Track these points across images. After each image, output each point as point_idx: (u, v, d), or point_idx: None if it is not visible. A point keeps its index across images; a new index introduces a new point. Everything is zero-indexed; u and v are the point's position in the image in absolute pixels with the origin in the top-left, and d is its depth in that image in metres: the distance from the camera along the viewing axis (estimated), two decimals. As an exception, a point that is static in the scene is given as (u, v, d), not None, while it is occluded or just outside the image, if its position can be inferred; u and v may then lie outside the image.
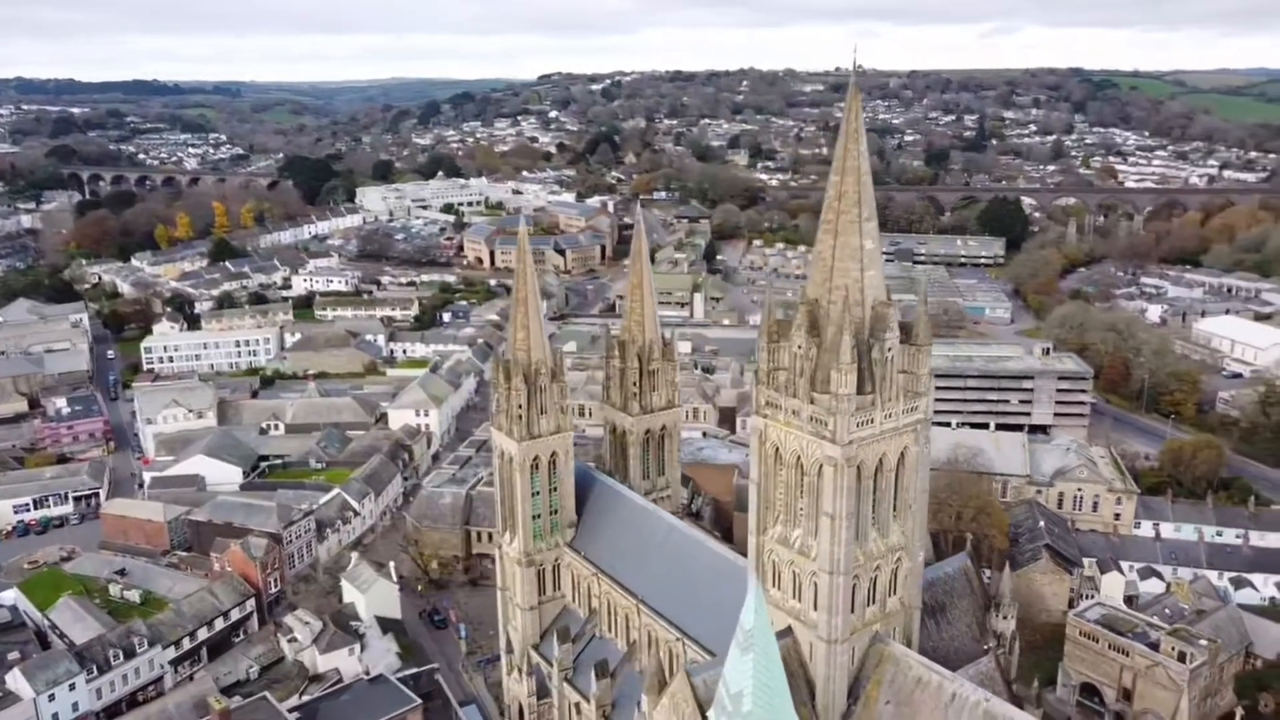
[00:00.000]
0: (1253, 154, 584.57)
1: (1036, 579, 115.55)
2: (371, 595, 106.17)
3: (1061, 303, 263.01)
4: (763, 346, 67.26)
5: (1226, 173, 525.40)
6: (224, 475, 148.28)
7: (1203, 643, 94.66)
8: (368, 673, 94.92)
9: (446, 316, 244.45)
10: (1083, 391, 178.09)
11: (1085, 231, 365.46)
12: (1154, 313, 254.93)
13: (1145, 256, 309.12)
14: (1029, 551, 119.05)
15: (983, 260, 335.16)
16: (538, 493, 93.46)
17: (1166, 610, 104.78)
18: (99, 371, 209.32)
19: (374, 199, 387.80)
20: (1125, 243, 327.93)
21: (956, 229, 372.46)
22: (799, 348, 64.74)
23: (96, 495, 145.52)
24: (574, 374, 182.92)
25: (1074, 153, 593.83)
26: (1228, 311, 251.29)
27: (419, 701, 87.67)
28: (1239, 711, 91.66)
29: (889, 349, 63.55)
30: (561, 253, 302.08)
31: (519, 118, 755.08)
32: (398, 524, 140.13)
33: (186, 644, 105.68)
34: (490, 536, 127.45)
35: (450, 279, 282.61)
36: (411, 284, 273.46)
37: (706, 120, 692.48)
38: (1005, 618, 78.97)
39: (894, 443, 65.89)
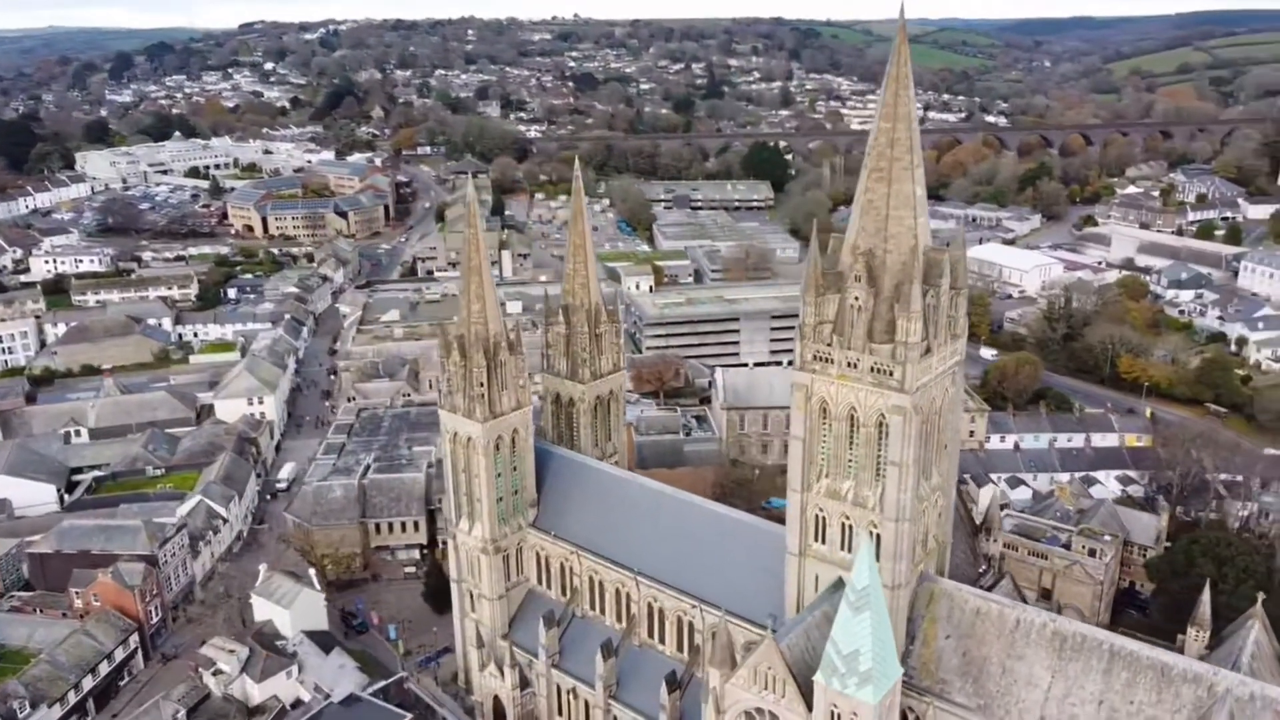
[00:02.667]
0: (945, 96, 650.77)
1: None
2: (297, 609, 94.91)
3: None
4: (809, 301, 65.67)
5: (930, 114, 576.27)
6: (35, 496, 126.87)
7: (1106, 538, 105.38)
8: (327, 696, 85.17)
9: (232, 293, 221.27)
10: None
11: (837, 171, 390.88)
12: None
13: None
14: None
15: (755, 203, 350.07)
16: (498, 475, 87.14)
17: (1056, 513, 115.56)
18: None
19: (99, 165, 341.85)
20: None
21: (722, 174, 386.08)
22: (856, 299, 63.84)
23: None
24: (409, 344, 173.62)
25: (799, 98, 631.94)
26: (980, 241, 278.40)
27: (409, 716, 79.84)
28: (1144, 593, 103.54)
29: (944, 294, 64.13)
30: (343, 215, 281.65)
31: (230, 70, 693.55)
32: (273, 526, 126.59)
33: (72, 698, 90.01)
34: (390, 527, 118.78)
35: (223, 250, 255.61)
36: (180, 259, 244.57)
37: (441, 71, 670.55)
38: (994, 540, 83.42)
39: (939, 386, 66.97)
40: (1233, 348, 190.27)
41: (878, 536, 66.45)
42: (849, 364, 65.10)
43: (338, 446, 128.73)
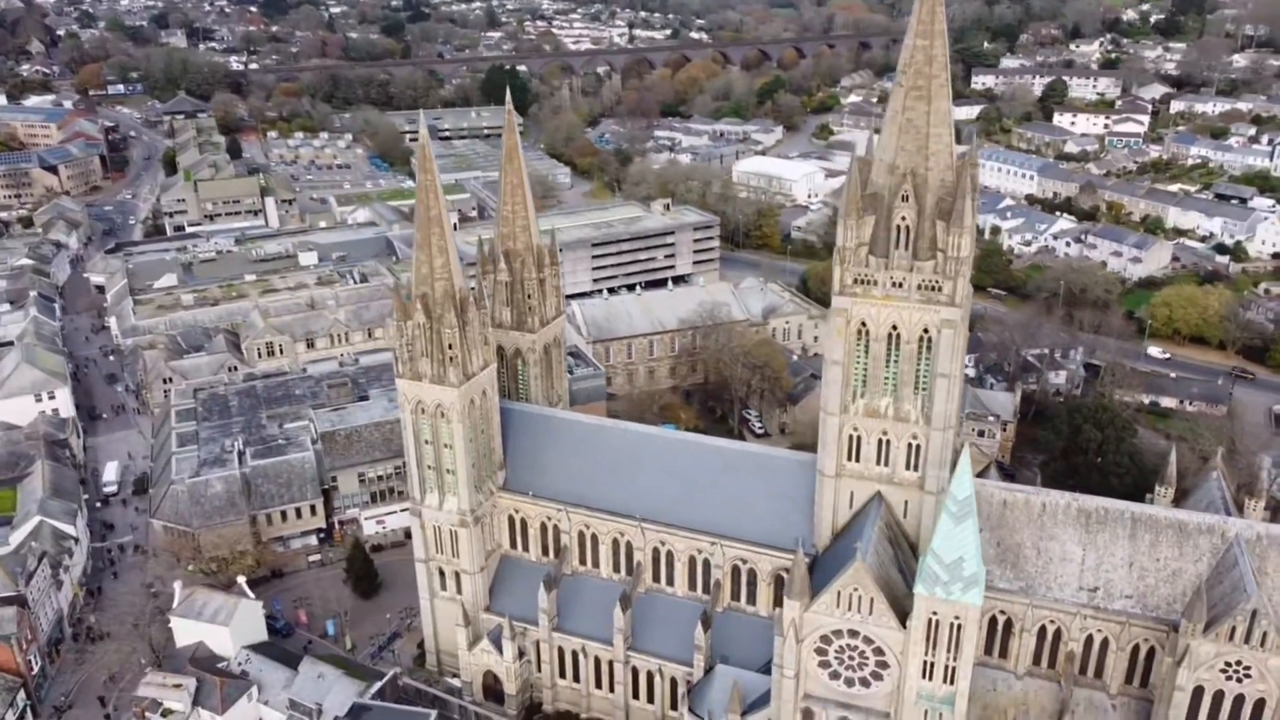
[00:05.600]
0: (643, 14, 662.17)
1: (817, 403, 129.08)
2: (237, 624, 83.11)
3: (605, 162, 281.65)
4: (850, 225, 65.42)
5: (637, 31, 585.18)
6: None
7: (990, 419, 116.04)
8: (312, 711, 76.06)
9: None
10: (711, 239, 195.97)
11: (575, 92, 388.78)
12: (684, 160, 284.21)
13: (649, 113, 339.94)
14: (800, 384, 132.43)
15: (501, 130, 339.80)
16: (449, 445, 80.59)
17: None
18: None
19: None
20: (634, 98, 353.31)
21: (461, 101, 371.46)
22: (903, 218, 64.41)
23: None
24: (205, 310, 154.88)
25: (505, 19, 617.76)
26: (737, 155, 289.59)
27: (434, 714, 73.30)
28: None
29: (975, 211, 66.19)
30: (52, 170, 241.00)
31: None
32: (135, 536, 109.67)
33: (-27, 780, 74.42)
34: (284, 516, 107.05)
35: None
36: None
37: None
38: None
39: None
40: (986, 236, 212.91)
41: (918, 446, 69.10)
42: (894, 284, 66.04)
43: (191, 435, 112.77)
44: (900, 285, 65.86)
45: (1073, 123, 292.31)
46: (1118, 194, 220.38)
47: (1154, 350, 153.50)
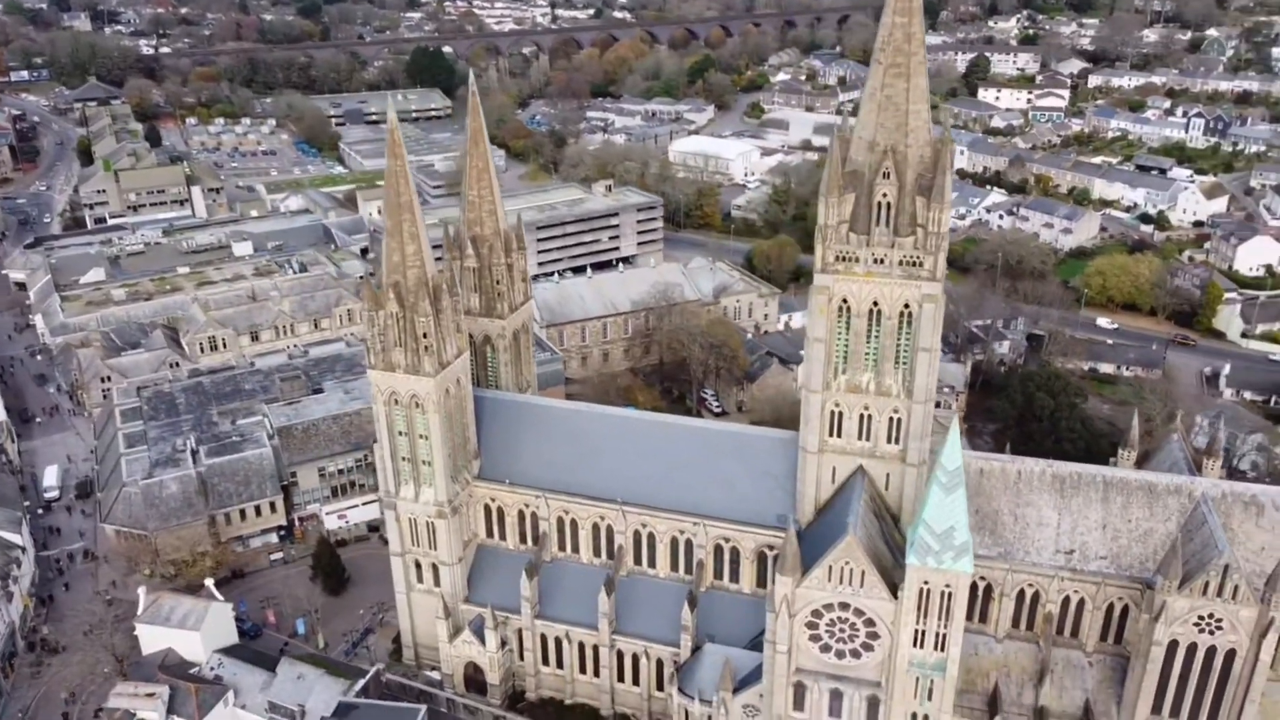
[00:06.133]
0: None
1: (774, 381, 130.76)
2: (209, 628, 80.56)
3: (540, 144, 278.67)
4: (832, 203, 65.80)
5: (559, 11, 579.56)
6: None
7: (947, 389, 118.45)
8: (294, 713, 74.36)
9: None
10: (655, 220, 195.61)
11: (502, 73, 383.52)
12: (618, 140, 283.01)
13: (580, 93, 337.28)
14: (756, 362, 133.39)
15: (434, 113, 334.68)
16: (424, 436, 79.25)
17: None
18: None
19: None
20: (563, 79, 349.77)
21: (386, 84, 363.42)
22: (884, 195, 65.02)
23: None
24: (139, 305, 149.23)
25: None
26: (671, 135, 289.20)
27: (424, 709, 72.19)
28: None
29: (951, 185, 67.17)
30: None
31: None
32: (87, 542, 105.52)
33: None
34: (243, 515, 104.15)
35: None
36: None
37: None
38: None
39: (935, 271, 70.61)
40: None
41: (899, 420, 70.20)
42: (876, 260, 66.71)
43: (139, 435, 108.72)
44: (882, 261, 66.55)
45: (997, 98, 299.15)
46: (1045, 167, 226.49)
47: (1102, 321, 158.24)
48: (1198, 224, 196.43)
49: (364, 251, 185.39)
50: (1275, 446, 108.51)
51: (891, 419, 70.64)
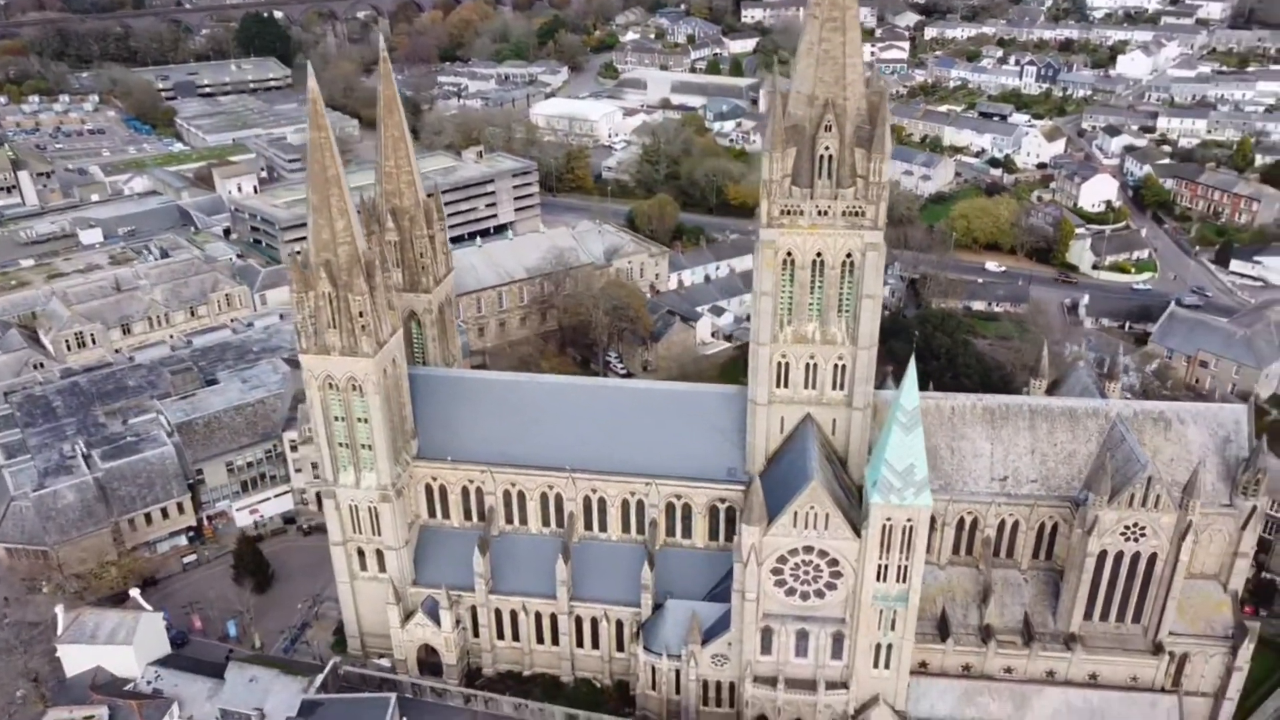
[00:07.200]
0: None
1: (678, 339, 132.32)
2: (140, 640, 75.56)
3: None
4: (776, 157, 66.76)
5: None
6: None
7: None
8: (262, 716, 71.10)
9: None
10: (530, 186, 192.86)
11: (340, 38, 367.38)
12: (475, 105, 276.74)
13: (428, 58, 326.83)
14: (659, 321, 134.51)
15: (273, 83, 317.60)
16: (363, 419, 76.64)
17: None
18: None
19: None
20: (407, 44, 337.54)
21: (217, 54, 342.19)
22: (827, 148, 66.46)
23: None
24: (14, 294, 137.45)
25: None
26: (529, 99, 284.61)
27: (393, 696, 70.32)
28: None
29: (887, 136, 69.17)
30: None
31: None
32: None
33: None
34: (149, 519, 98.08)
35: None
36: None
37: None
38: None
39: (869, 220, 72.91)
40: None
41: (844, 367, 72.63)
42: (820, 212, 68.32)
43: (18, 444, 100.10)
44: (826, 213, 68.20)
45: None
46: (899, 116, 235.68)
47: (991, 265, 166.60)
48: (1041, 165, 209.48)
49: (226, 232, 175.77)
50: (1145, 367, 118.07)
51: (837, 366, 72.93)
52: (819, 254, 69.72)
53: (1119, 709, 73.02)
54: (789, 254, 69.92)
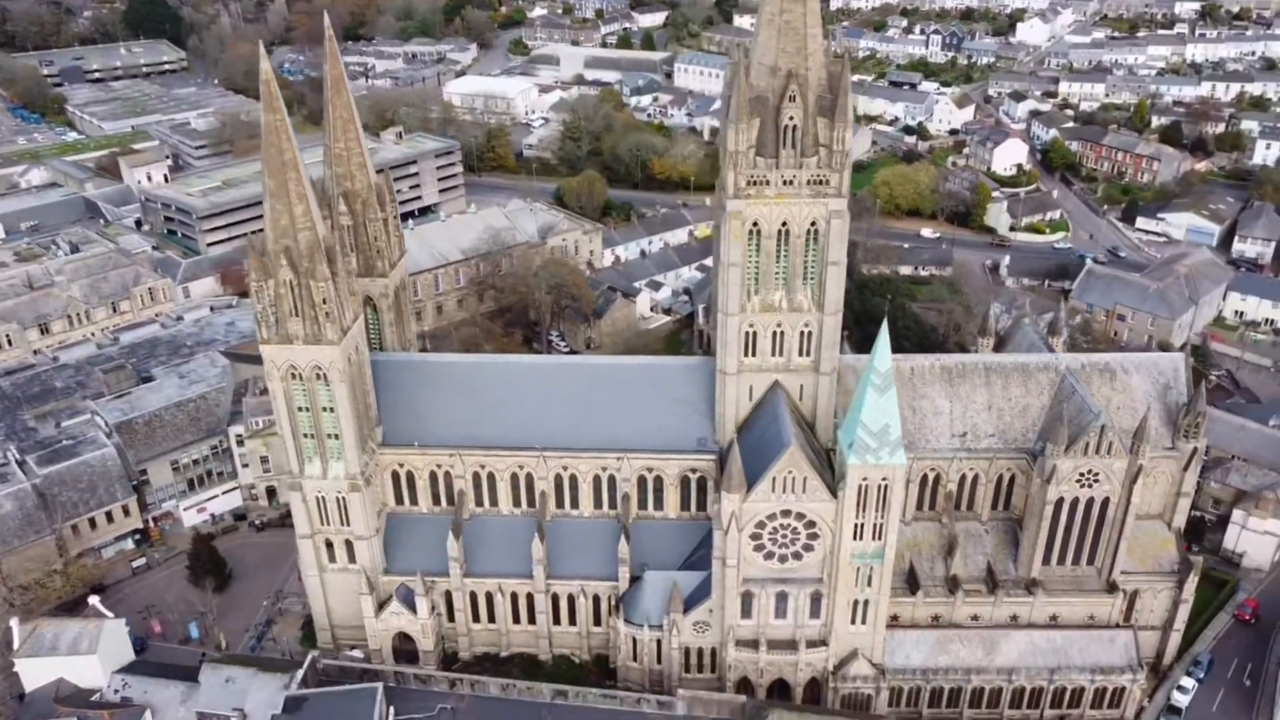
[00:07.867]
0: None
1: (620, 315, 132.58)
2: (105, 649, 72.74)
3: (300, 94, 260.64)
4: (741, 129, 67.38)
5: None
6: None
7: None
8: (244, 716, 69.36)
9: None
10: (454, 166, 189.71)
11: (236, 18, 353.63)
12: (383, 85, 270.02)
13: (317, 38, 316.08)
14: (600, 298, 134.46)
15: (167, 66, 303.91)
16: (329, 409, 75.19)
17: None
18: None
19: None
20: (306, 22, 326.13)
21: (103, 37, 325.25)
22: (791, 118, 67.35)
23: None
24: None
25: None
26: (440, 77, 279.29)
27: (380, 686, 69.40)
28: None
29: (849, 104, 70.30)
30: None
31: None
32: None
33: None
34: (93, 524, 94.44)
35: None
36: None
37: None
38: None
39: (829, 189, 74.24)
40: (706, 137, 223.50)
41: (810, 333, 74.08)
42: (785, 182, 69.34)
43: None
44: (791, 183, 69.26)
45: (753, 24, 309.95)
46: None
47: (926, 231, 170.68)
48: (953, 132, 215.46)
49: (138, 224, 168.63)
50: (1070, 321, 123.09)
51: (803, 333, 74.33)
52: (784, 223, 70.84)
53: (1080, 645, 76.86)
54: (755, 224, 70.84)
